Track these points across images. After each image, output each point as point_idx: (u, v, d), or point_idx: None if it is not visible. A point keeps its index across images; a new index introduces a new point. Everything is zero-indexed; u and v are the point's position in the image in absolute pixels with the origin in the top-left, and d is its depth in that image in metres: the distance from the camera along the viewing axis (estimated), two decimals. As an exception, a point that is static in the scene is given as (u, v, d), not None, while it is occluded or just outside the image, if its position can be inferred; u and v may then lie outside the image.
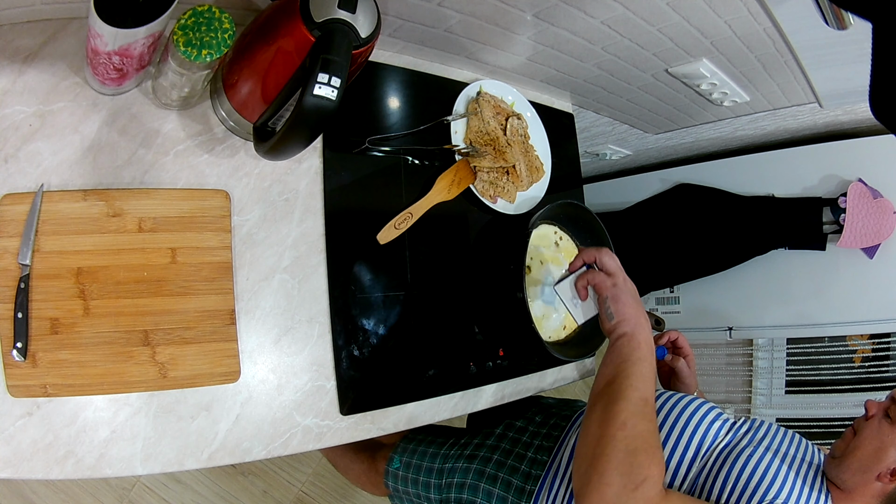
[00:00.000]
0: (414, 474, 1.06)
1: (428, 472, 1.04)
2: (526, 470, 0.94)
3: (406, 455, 1.09)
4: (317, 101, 0.60)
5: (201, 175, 0.80)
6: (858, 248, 1.64)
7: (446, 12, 0.90)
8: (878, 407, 0.76)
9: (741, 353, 2.32)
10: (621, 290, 0.80)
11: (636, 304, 0.80)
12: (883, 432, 0.72)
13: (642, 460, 0.65)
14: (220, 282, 0.79)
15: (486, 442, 1.01)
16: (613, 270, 0.82)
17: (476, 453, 1.00)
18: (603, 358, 0.79)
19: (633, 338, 0.76)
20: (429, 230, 0.99)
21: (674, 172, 1.97)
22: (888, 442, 0.71)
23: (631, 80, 1.24)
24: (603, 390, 0.73)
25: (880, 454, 0.71)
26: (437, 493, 1.02)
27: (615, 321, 0.79)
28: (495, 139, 1.06)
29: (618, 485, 0.63)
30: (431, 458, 1.05)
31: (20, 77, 0.71)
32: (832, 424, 2.12)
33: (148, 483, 1.53)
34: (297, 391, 0.84)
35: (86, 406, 0.71)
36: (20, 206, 0.69)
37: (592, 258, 0.84)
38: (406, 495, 1.09)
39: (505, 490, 0.94)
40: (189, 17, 0.65)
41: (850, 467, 0.73)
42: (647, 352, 0.75)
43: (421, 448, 1.08)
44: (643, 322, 0.78)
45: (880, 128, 1.50)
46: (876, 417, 0.74)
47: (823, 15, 0.88)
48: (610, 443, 0.66)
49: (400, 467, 1.08)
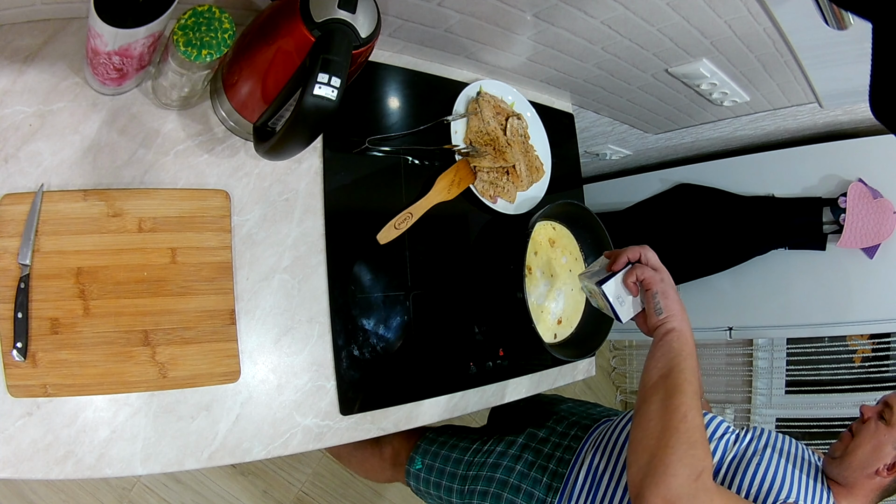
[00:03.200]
0: (437, 477, 1.07)
1: (451, 477, 1.05)
2: (547, 482, 0.96)
3: (428, 458, 1.10)
4: (317, 101, 0.60)
5: (201, 175, 0.80)
6: (858, 248, 1.64)
7: (446, 12, 0.90)
8: (873, 411, 0.83)
9: (741, 353, 2.32)
10: (668, 284, 0.81)
11: (680, 300, 0.82)
12: (880, 432, 0.80)
13: (700, 452, 0.67)
14: (220, 282, 0.79)
15: (509, 451, 1.02)
16: (658, 266, 0.83)
17: (500, 462, 1.01)
18: (651, 352, 0.80)
19: (683, 333, 0.78)
20: (429, 230, 0.99)
21: (674, 172, 1.97)
22: (884, 441, 0.79)
23: (631, 80, 1.24)
24: (658, 383, 0.74)
25: (878, 452, 0.79)
26: (458, 497, 1.04)
27: (664, 315, 0.79)
28: (495, 139, 1.06)
29: (683, 475, 0.65)
30: (455, 463, 1.06)
31: (20, 77, 0.71)
32: (832, 424, 2.12)
33: (148, 483, 1.53)
34: (297, 391, 0.84)
35: (86, 406, 0.71)
36: (20, 206, 0.69)
37: (637, 255, 0.84)
38: (428, 496, 1.11)
39: (527, 501, 0.96)
40: (189, 17, 0.65)
41: (851, 465, 0.80)
42: (693, 348, 0.78)
43: (444, 452, 1.09)
44: (687, 318, 0.80)
45: (880, 128, 1.50)
46: (871, 420, 0.82)
47: (823, 15, 0.88)
48: (674, 435, 0.68)
49: (422, 469, 1.10)
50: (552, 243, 1.12)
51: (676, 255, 1.90)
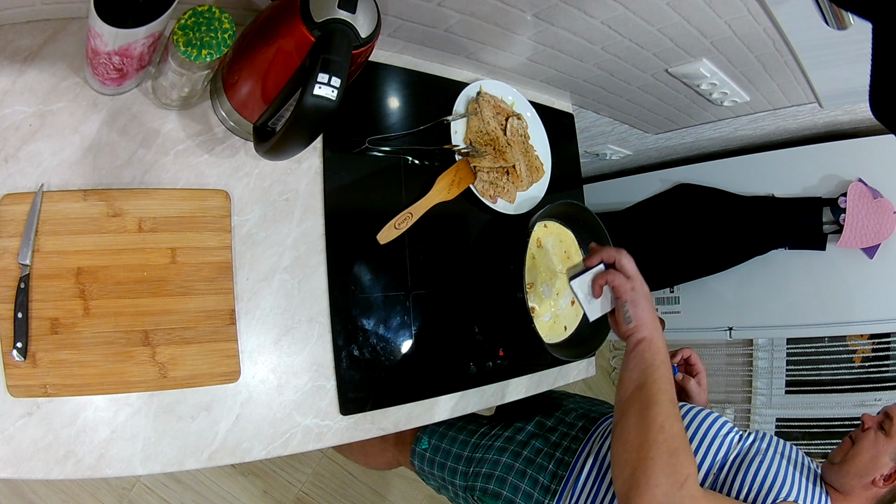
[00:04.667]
0: (442, 458, 1.07)
1: (456, 458, 1.05)
2: (553, 469, 0.96)
3: (435, 438, 1.11)
4: (317, 101, 0.60)
5: (201, 175, 0.80)
6: (858, 248, 1.64)
7: (446, 12, 0.90)
8: (874, 420, 0.83)
9: (741, 353, 2.32)
10: (640, 293, 0.82)
11: (652, 308, 0.82)
12: (879, 442, 0.80)
13: (683, 459, 0.68)
14: (220, 282, 0.79)
15: (517, 437, 1.02)
16: (632, 274, 0.83)
17: (506, 446, 1.01)
18: (624, 363, 0.81)
19: (653, 342, 0.79)
20: (429, 230, 0.99)
21: (674, 172, 1.97)
22: (882, 451, 0.79)
23: (631, 80, 1.24)
24: (633, 395, 0.75)
25: (876, 462, 0.79)
26: (462, 479, 1.04)
27: (633, 325, 0.80)
28: (495, 139, 1.06)
29: (665, 485, 0.66)
30: (462, 445, 1.06)
31: (20, 77, 0.71)
32: (832, 424, 2.12)
33: (148, 483, 1.53)
34: (297, 391, 0.84)
35: (86, 406, 0.71)
36: (20, 206, 0.69)
37: (612, 258, 0.84)
38: (431, 476, 1.11)
39: (532, 486, 0.96)
40: (189, 17, 0.65)
41: (849, 472, 0.80)
42: (666, 355, 0.79)
43: (451, 433, 1.09)
44: (659, 326, 0.81)
45: (880, 128, 1.50)
46: (872, 430, 0.82)
47: (823, 15, 0.88)
48: (653, 446, 0.69)
49: (428, 449, 1.10)
50: (553, 243, 1.12)
51: (676, 255, 1.90)
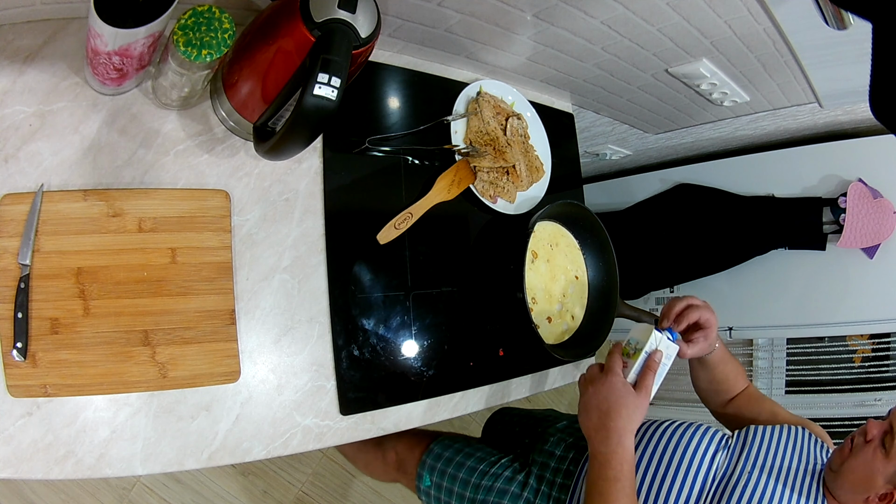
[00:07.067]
0: (446, 497, 1.08)
1: (459, 498, 1.05)
2: None
3: (436, 476, 1.11)
4: (317, 101, 0.60)
5: (201, 175, 0.80)
6: (858, 248, 1.64)
7: (446, 12, 0.90)
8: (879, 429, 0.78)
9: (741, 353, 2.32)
10: (589, 398, 0.84)
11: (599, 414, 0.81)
12: (876, 461, 0.75)
13: None
14: (220, 282, 0.79)
15: (516, 477, 1.03)
16: (590, 376, 0.85)
17: (507, 488, 1.01)
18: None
19: (596, 457, 0.80)
20: (429, 230, 0.99)
21: (674, 172, 1.97)
22: (878, 471, 0.75)
23: (631, 80, 1.24)
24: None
25: (870, 481, 0.75)
26: None
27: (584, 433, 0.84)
28: (495, 139, 1.06)
29: None
30: (463, 484, 1.06)
31: (20, 77, 0.71)
32: (832, 424, 2.12)
33: (148, 483, 1.53)
34: (297, 391, 0.84)
35: (86, 406, 0.71)
36: (20, 206, 0.69)
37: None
38: None
39: None
40: (189, 17, 0.65)
41: (843, 486, 0.77)
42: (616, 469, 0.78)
43: (450, 471, 1.09)
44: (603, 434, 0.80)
45: (880, 128, 1.50)
46: (872, 444, 0.77)
47: (823, 15, 0.88)
48: None
49: (432, 486, 1.11)
50: (553, 244, 1.12)
51: (676, 255, 1.90)
